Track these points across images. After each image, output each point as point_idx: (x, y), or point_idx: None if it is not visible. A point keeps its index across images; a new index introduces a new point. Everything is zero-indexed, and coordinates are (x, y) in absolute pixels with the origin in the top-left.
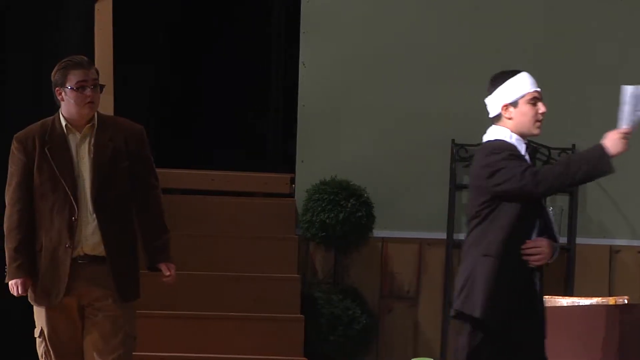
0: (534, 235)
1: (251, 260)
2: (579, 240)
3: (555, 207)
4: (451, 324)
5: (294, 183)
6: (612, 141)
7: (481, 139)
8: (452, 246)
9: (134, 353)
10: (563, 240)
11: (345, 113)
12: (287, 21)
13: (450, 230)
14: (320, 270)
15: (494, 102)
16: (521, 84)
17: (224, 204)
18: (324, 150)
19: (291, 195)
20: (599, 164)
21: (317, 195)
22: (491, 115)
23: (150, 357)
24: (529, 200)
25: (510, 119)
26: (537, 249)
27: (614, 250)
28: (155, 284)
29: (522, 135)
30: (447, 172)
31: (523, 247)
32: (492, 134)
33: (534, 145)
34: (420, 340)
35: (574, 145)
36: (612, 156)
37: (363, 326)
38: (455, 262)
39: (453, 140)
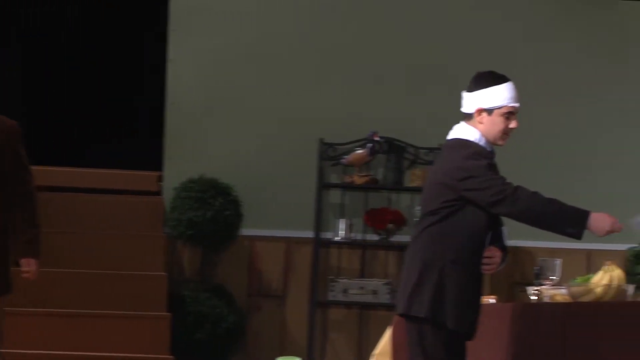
0: (486, 243)
1: (119, 258)
2: None
3: None
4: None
5: (161, 181)
6: (600, 221)
7: (348, 139)
8: (320, 245)
9: (1, 350)
10: None
11: (214, 111)
12: (157, 18)
13: (317, 229)
14: (188, 268)
15: (471, 102)
16: (501, 95)
17: (94, 202)
18: (192, 148)
19: (159, 193)
20: (571, 226)
21: (185, 194)
22: (464, 110)
23: (18, 354)
24: (490, 212)
25: (481, 123)
26: (491, 258)
27: None
28: (25, 281)
29: (487, 141)
30: (315, 171)
31: (484, 255)
32: (463, 132)
33: (403, 144)
34: (287, 339)
35: (440, 145)
36: (589, 229)
37: (230, 324)
38: (323, 260)
39: (321, 140)
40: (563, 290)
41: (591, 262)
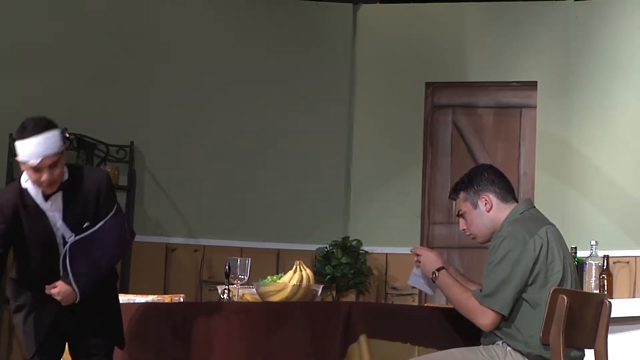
0: None
1: None
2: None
3: None
4: None
5: None
6: None
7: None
8: None
9: None
10: None
11: None
12: None
13: None
14: None
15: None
16: (24, 151)
17: None
18: None
19: None
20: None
21: None
22: None
23: None
24: None
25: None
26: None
27: (170, 248)
28: None
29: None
30: (5, 167)
31: None
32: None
33: (93, 141)
34: None
35: (132, 142)
36: None
37: None
38: None
39: (11, 135)
40: (252, 290)
41: (281, 262)
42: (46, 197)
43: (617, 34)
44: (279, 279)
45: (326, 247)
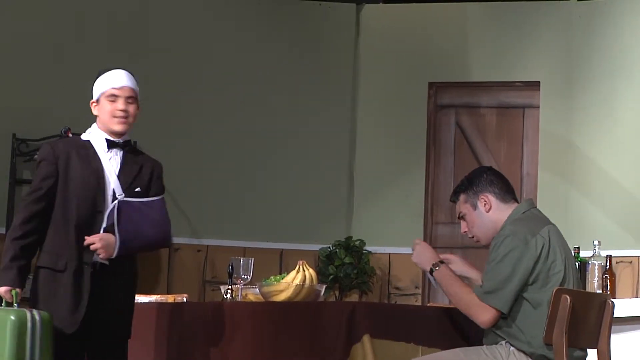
0: None
1: None
2: None
3: None
4: None
5: None
6: None
7: (41, 135)
8: None
9: None
10: None
11: None
12: None
13: (9, 225)
14: None
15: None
16: (104, 82)
17: None
18: None
19: None
20: None
21: None
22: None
23: None
24: None
25: (96, 115)
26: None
27: (172, 248)
28: None
29: (107, 131)
30: (8, 167)
31: None
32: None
33: None
34: None
35: (135, 143)
36: None
37: None
38: None
39: (14, 135)
40: (255, 290)
41: (284, 262)
42: (108, 147)
43: (621, 34)
44: (282, 279)
45: (329, 247)
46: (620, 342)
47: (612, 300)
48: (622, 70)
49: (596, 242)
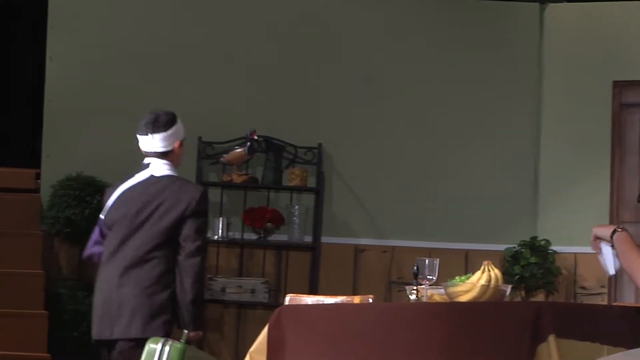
0: None
1: None
2: (324, 239)
3: (301, 205)
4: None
5: (39, 178)
6: None
7: (227, 137)
8: None
9: None
10: (308, 239)
11: (92, 109)
12: (36, 16)
13: None
14: (65, 266)
15: (170, 139)
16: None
17: None
18: (70, 146)
19: (36, 190)
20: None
21: (62, 191)
22: (163, 150)
23: None
24: None
25: (177, 155)
26: None
27: (358, 250)
28: None
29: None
30: (194, 170)
31: None
32: (167, 168)
33: (282, 143)
34: None
35: (320, 144)
36: None
37: None
38: None
39: (200, 138)
40: (441, 290)
41: (469, 262)
42: None
43: None
44: (467, 279)
45: (515, 247)
46: None
47: None
48: None
49: None
